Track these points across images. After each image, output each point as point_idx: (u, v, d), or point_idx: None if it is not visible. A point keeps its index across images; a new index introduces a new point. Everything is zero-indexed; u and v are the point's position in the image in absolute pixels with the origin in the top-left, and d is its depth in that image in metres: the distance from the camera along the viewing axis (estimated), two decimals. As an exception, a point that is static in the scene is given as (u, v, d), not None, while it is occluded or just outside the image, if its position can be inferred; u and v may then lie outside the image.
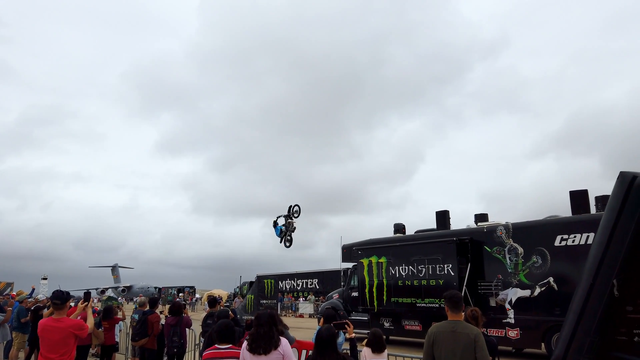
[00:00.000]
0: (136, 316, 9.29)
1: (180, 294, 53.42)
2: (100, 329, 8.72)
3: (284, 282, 38.62)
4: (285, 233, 14.23)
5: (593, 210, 12.02)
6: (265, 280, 19.61)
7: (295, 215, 14.36)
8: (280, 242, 14.35)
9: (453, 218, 15.21)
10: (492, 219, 14.08)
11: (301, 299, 35.39)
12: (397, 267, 14.55)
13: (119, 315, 11.03)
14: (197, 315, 11.68)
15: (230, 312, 6.66)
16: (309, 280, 37.73)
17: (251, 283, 32.82)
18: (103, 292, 60.63)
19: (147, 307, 8.78)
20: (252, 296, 18.23)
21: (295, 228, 14.35)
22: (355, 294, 16.24)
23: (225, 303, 35.71)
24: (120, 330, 11.45)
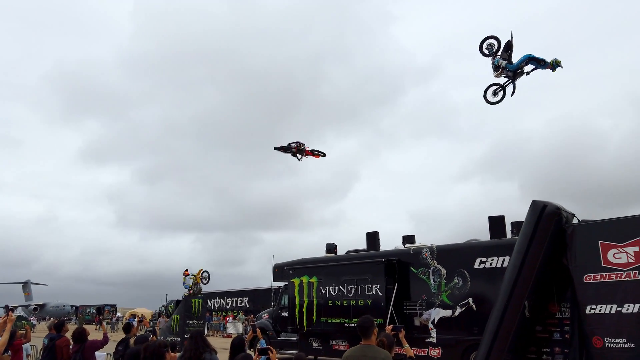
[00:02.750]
0: (47, 340, 8.62)
1: (116, 314, 50.11)
2: (7, 354, 7.99)
3: (212, 300, 37.50)
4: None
5: (509, 235, 12.93)
6: (193, 300, 18.93)
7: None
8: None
9: (384, 237, 15.72)
10: (420, 240, 14.67)
11: (230, 318, 34.54)
12: (327, 287, 14.70)
13: (25, 337, 10.13)
14: (117, 336, 11.06)
15: (152, 336, 6.40)
16: (239, 299, 36.97)
17: (178, 302, 31.57)
18: (12, 310, 55.49)
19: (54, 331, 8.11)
20: (178, 316, 17.54)
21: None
22: (285, 314, 16.17)
23: (149, 323, 33.98)
24: (28, 356, 10.55)
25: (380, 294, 13.37)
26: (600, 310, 9.05)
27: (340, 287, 14.39)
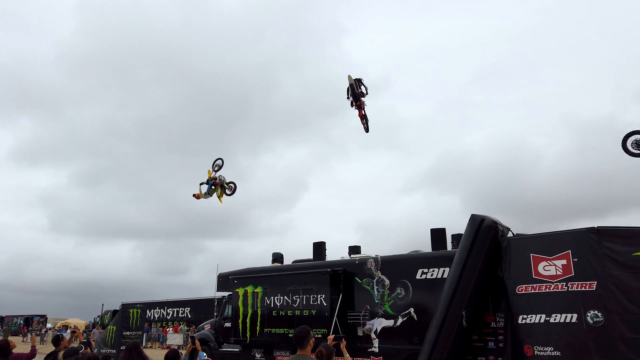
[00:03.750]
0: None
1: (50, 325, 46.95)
2: None
3: (152, 310, 36.14)
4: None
5: (450, 246, 13.41)
6: (131, 310, 18.15)
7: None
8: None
9: (331, 247, 15.81)
10: (365, 251, 14.89)
11: (170, 328, 33.40)
12: (272, 297, 14.59)
13: None
14: (47, 349, 10.42)
15: (86, 348, 6.09)
16: (180, 309, 35.84)
17: (114, 312, 30.15)
18: None
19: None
20: (114, 327, 16.75)
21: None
22: (228, 324, 15.87)
23: (83, 334, 32.18)
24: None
25: (325, 304, 13.43)
26: (530, 320, 9.57)
27: (285, 297, 14.32)
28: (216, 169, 13.55)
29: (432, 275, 12.08)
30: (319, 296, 13.62)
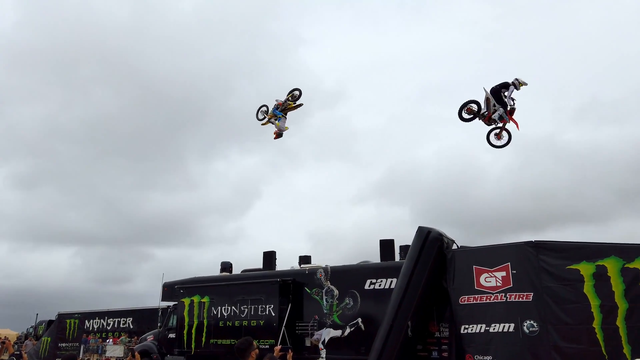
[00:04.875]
0: None
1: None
2: None
3: (91, 321, 34.38)
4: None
5: (398, 257, 13.68)
6: (69, 320, 17.25)
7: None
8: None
9: (283, 256, 15.71)
10: (316, 261, 14.92)
11: (110, 340, 31.90)
12: (219, 307, 14.30)
13: None
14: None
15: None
16: (122, 319, 34.29)
17: (50, 322, 28.50)
18: None
19: None
20: (49, 339, 15.84)
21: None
22: (172, 335, 15.37)
23: (14, 346, 30.12)
24: None
25: (273, 315, 13.30)
26: (472, 330, 9.92)
27: (233, 307, 14.07)
28: (290, 98, 11.96)
29: (380, 285, 12.25)
30: (267, 306, 13.49)
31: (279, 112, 11.93)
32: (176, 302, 15.59)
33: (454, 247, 11.21)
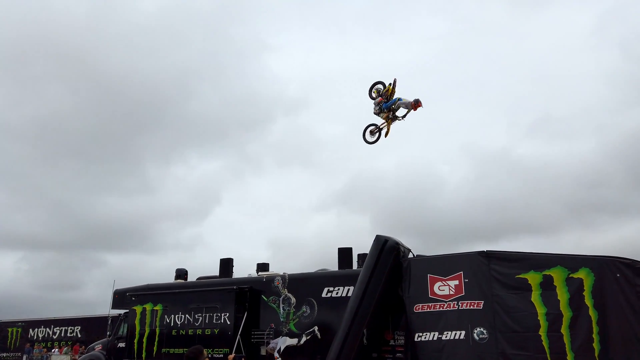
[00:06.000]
0: None
1: None
2: None
3: (35, 329, 32.68)
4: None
5: (355, 265, 13.77)
6: (10, 328, 16.34)
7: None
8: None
9: (241, 264, 15.45)
10: (274, 268, 14.77)
11: (55, 349, 30.41)
12: (173, 316, 13.92)
13: None
14: None
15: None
16: (69, 328, 32.81)
17: (-10, 332, 26.85)
18: None
19: None
20: (-13, 349, 14.92)
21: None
22: (122, 344, 14.83)
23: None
24: None
25: (228, 323, 13.07)
26: (425, 338, 10.09)
27: (187, 315, 13.73)
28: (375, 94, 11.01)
29: (337, 293, 12.27)
30: (223, 314, 13.24)
31: (387, 104, 10.67)
32: (127, 310, 15.07)
33: (410, 255, 11.40)
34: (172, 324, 13.89)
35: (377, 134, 10.94)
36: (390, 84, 10.69)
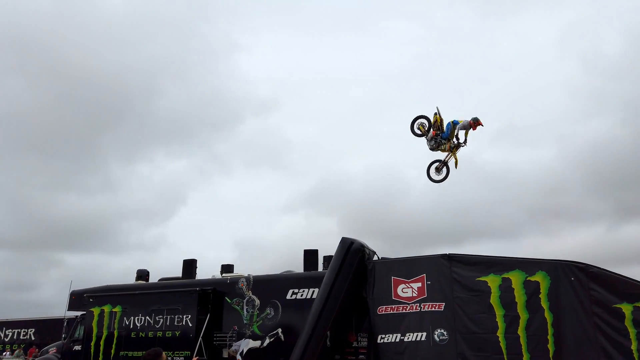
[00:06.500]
0: None
1: None
2: None
3: (-14, 332, 31.21)
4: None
5: (321, 267, 13.77)
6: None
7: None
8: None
9: (206, 265, 15.15)
10: (240, 270, 14.58)
11: (6, 352, 29.11)
12: (132, 318, 13.54)
13: None
14: None
15: None
16: (22, 330, 31.47)
17: None
18: None
19: None
20: None
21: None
22: (78, 347, 14.32)
23: None
24: None
25: (190, 325, 12.82)
26: (388, 340, 10.19)
27: (147, 317, 13.39)
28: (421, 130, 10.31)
29: (302, 295, 12.22)
30: (184, 316, 12.98)
31: (446, 133, 10.07)
32: (84, 312, 14.59)
33: (375, 258, 11.49)
34: (131, 326, 13.51)
35: (444, 168, 10.13)
36: (435, 114, 10.06)
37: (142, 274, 15.21)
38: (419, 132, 10.28)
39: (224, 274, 14.18)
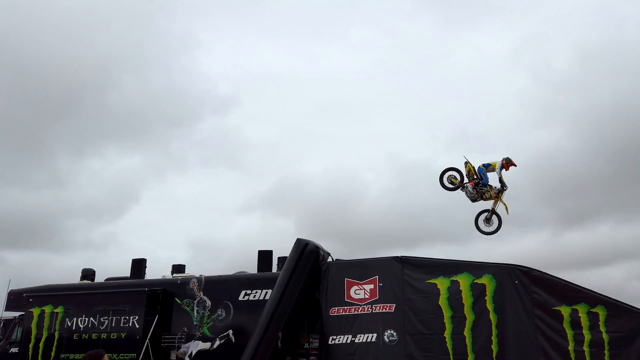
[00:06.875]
0: None
1: None
2: None
3: None
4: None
5: (275, 268, 13.69)
6: None
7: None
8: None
9: (157, 265, 14.73)
10: (192, 270, 14.24)
11: None
12: (75, 319, 12.95)
13: None
14: None
15: None
16: (-47, 334, 29.45)
17: None
18: None
19: None
20: None
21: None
22: (15, 349, 13.57)
23: None
24: None
25: (137, 327, 12.41)
26: (339, 341, 10.26)
27: (91, 318, 12.85)
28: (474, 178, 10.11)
29: (255, 296, 12.10)
30: (131, 318, 12.55)
31: (485, 179, 10.07)
32: (23, 313, 13.85)
33: (329, 259, 11.55)
34: (73, 328, 12.92)
35: (494, 217, 9.94)
36: (466, 163, 9.99)
37: (88, 274, 14.60)
38: (451, 185, 10.24)
39: (174, 274, 13.83)
